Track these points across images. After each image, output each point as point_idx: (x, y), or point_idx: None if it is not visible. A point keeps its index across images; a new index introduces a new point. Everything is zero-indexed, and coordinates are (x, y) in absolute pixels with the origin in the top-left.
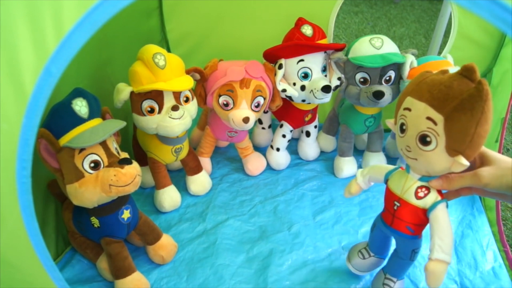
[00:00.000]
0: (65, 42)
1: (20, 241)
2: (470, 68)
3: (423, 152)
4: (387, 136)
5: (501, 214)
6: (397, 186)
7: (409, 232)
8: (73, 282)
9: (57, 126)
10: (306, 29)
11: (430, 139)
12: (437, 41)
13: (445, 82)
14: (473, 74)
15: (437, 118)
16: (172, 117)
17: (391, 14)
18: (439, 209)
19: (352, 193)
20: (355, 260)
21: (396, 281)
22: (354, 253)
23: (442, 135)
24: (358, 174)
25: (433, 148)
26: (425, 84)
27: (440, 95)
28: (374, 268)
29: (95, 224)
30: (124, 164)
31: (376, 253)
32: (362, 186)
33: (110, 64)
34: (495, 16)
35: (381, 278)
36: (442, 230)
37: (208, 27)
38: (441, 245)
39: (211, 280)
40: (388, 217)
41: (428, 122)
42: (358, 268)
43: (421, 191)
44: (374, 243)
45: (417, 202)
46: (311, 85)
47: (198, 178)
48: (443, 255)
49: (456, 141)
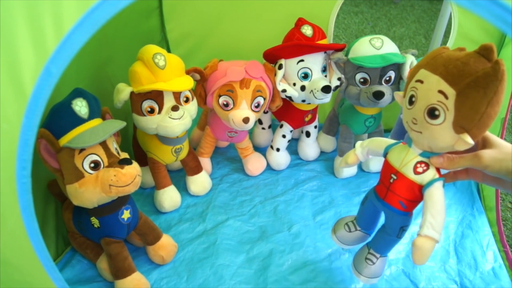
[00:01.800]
0: (65, 42)
1: (20, 241)
2: (488, 47)
3: (429, 125)
4: (387, 136)
5: (501, 214)
6: (396, 159)
7: (401, 207)
8: (73, 282)
9: (57, 126)
10: (306, 29)
11: (438, 112)
12: (437, 41)
13: (462, 58)
14: (491, 53)
15: (449, 92)
16: (172, 117)
17: (391, 14)
18: (435, 187)
19: (349, 163)
20: (341, 232)
21: (379, 257)
22: (341, 225)
23: (452, 110)
24: (357, 145)
25: (441, 123)
26: (441, 58)
27: (455, 70)
28: (358, 242)
29: (95, 224)
30: (124, 164)
31: (363, 228)
32: (360, 157)
33: (110, 64)
34: (495, 16)
35: (365, 252)
36: (435, 208)
37: (208, 27)
38: (432, 222)
39: (211, 280)
40: (382, 190)
41: (439, 96)
42: (343, 240)
43: (420, 167)
44: (362, 217)
45: (414, 177)
46: (311, 85)
47: (198, 178)
48: (433, 232)
49: (465, 118)
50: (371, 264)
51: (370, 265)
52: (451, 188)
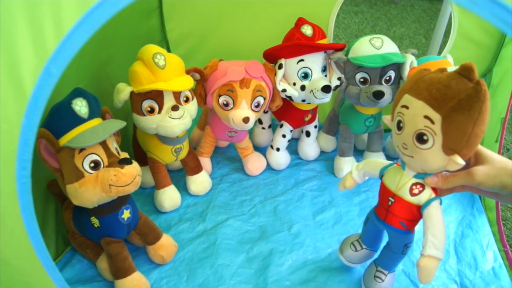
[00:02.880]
0: (65, 42)
1: (20, 241)
2: (468, 67)
3: (419, 150)
4: (387, 136)
5: (501, 214)
6: (392, 182)
7: (402, 227)
8: (73, 282)
9: (57, 126)
10: (306, 29)
11: (427, 137)
12: (437, 41)
13: (444, 81)
14: (471, 73)
15: (435, 117)
16: (172, 117)
17: (391, 14)
18: (433, 206)
19: (347, 187)
20: (347, 252)
21: (388, 273)
22: (347, 245)
23: (439, 134)
24: (353, 168)
25: (430, 147)
26: (423, 82)
27: (438, 94)
28: (365, 260)
29: (95, 224)
30: (124, 164)
31: (368, 246)
32: (357, 180)
33: (110, 64)
34: (495, 16)
35: (373, 270)
36: (435, 227)
37: (208, 27)
38: (433, 241)
39: (211, 280)
40: (382, 212)
41: (425, 121)
42: (350, 259)
43: (415, 188)
44: (366, 236)
45: (411, 198)
46: (311, 85)
47: (198, 178)
48: (435, 252)
49: (453, 141)
50: (380, 281)
51: (380, 282)
52: None
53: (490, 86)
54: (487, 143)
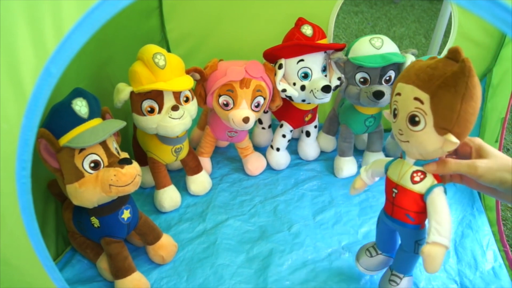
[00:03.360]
0: (65, 42)
1: (20, 241)
2: (454, 50)
3: (413, 133)
4: (387, 136)
5: (501, 214)
6: (394, 173)
7: (409, 220)
8: (73, 282)
9: (57, 126)
10: (306, 29)
11: (418, 118)
12: (437, 41)
13: (431, 65)
14: (457, 55)
15: (423, 97)
16: (172, 117)
17: (391, 14)
18: (436, 193)
19: (357, 188)
20: (363, 258)
21: (403, 277)
22: (362, 252)
23: (430, 113)
24: (362, 170)
25: (422, 128)
26: (413, 69)
27: (425, 76)
28: (382, 267)
29: (95, 224)
30: (124, 164)
31: (383, 251)
32: (366, 181)
33: (110, 64)
34: (495, 16)
35: (388, 274)
36: (439, 214)
37: (208, 27)
38: (437, 228)
39: (211, 280)
40: (389, 207)
41: (415, 102)
42: (366, 267)
43: (416, 176)
44: (380, 238)
45: (413, 186)
46: (311, 85)
47: (198, 178)
48: (440, 238)
49: (443, 119)
50: (395, 285)
51: (394, 286)
52: (451, 188)
53: (490, 86)
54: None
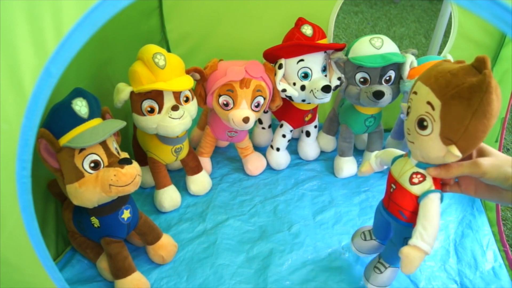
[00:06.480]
0: (65, 42)
1: (20, 241)
2: (481, 59)
3: (419, 136)
4: (387, 136)
5: (501, 214)
6: (396, 169)
7: (402, 217)
8: (73, 282)
9: (57, 126)
10: (306, 29)
11: (427, 123)
12: (437, 41)
13: (453, 70)
14: (482, 65)
15: (435, 103)
16: (172, 117)
17: (391, 14)
18: (430, 198)
19: (363, 172)
20: (357, 239)
21: (388, 267)
22: (358, 234)
23: (438, 121)
24: (372, 155)
25: (429, 133)
26: (435, 70)
27: (443, 82)
28: (374, 252)
29: (95, 224)
30: (124, 164)
31: (377, 237)
32: (374, 167)
33: (110, 64)
34: (495, 16)
35: (375, 261)
36: (428, 219)
37: (208, 27)
38: (422, 233)
39: (211, 280)
40: (386, 200)
41: (427, 106)
42: (359, 248)
43: (416, 177)
44: (376, 226)
45: (410, 187)
46: (311, 85)
47: (198, 178)
48: (421, 243)
49: (450, 129)
50: (379, 272)
51: (378, 273)
52: None
53: None
54: (487, 143)
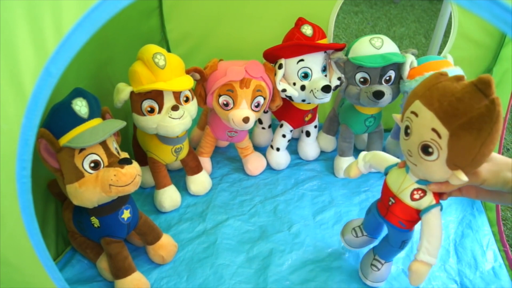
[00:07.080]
0: (65, 42)
1: (20, 241)
2: (486, 81)
3: (423, 160)
4: (387, 136)
5: (501, 214)
6: (394, 184)
7: (401, 226)
8: (73, 282)
9: (57, 126)
10: (306, 29)
11: (432, 150)
12: (437, 41)
13: (457, 93)
14: (488, 88)
15: (443, 132)
16: (172, 117)
17: (391, 14)
18: (432, 213)
19: (351, 176)
20: (348, 236)
21: (384, 263)
22: (348, 229)
23: (445, 149)
24: (359, 158)
25: (434, 159)
26: (436, 91)
27: (449, 108)
28: (365, 245)
29: (95, 224)
30: (124, 164)
31: (369, 233)
32: (362, 170)
33: (110, 64)
34: (495, 16)
35: (370, 258)
36: (432, 234)
37: (208, 27)
38: (428, 248)
39: (211, 280)
40: (383, 209)
41: (432, 134)
42: (350, 244)
43: (417, 193)
44: (368, 225)
45: (411, 203)
46: (311, 85)
47: (198, 178)
48: (428, 258)
49: (458, 158)
50: (376, 270)
51: (375, 271)
52: None
53: None
54: None
